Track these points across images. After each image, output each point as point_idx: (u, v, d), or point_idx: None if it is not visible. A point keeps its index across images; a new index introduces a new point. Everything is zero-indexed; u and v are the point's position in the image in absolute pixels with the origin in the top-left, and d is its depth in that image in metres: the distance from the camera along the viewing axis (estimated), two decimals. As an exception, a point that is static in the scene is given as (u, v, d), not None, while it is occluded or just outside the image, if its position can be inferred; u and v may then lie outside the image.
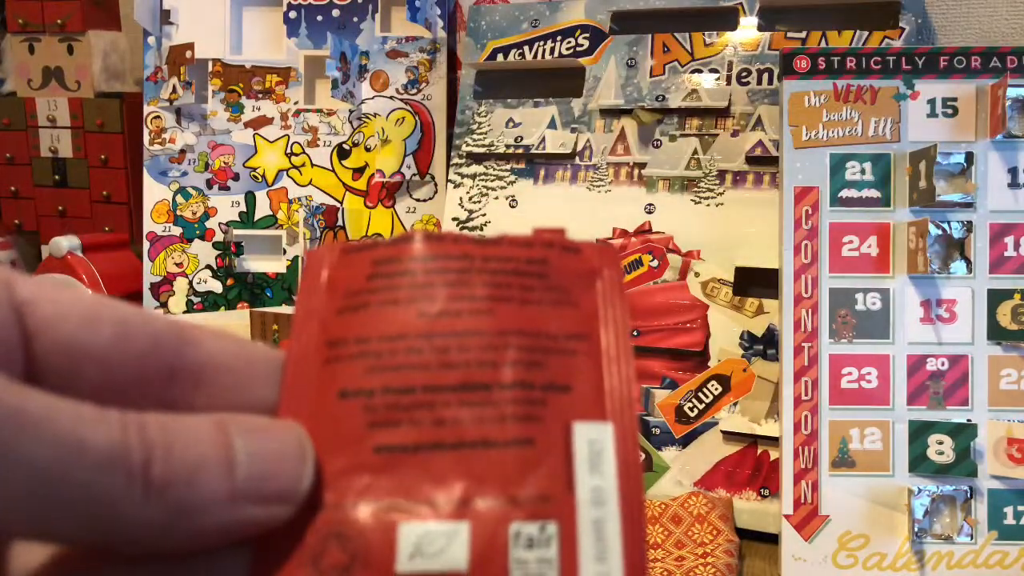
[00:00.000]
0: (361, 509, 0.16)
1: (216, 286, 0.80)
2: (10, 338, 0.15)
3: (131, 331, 0.16)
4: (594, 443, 0.16)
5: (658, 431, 0.61)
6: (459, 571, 0.15)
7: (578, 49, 0.70)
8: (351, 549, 0.15)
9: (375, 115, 0.79)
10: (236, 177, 0.80)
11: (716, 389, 0.60)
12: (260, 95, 0.80)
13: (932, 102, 0.53)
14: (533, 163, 0.69)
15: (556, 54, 0.70)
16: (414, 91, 0.78)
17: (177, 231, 0.80)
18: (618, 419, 0.17)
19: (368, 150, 0.79)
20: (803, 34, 0.64)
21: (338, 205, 0.79)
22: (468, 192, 0.70)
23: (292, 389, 0.18)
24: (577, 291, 0.18)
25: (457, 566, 0.15)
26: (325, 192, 0.79)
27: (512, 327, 0.17)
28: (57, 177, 0.87)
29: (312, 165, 0.79)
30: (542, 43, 0.71)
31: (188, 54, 0.80)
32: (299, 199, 0.79)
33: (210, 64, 0.80)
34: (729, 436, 0.59)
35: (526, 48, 0.71)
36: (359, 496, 0.16)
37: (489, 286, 0.18)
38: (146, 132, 0.81)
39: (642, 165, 0.66)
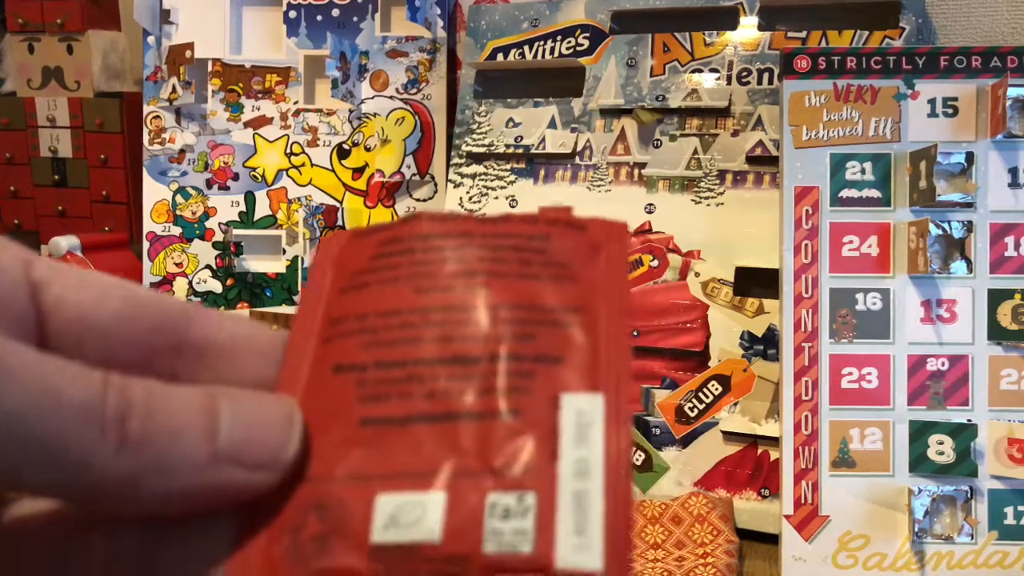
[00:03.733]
0: (343, 481, 0.16)
1: (216, 286, 0.80)
2: (26, 314, 0.16)
3: (140, 308, 0.17)
4: (583, 414, 0.16)
5: (658, 431, 0.61)
6: (432, 541, 0.15)
7: (578, 49, 0.69)
8: (330, 519, 0.15)
9: (375, 115, 0.78)
10: (236, 177, 0.80)
11: (716, 389, 0.60)
12: (260, 95, 0.80)
13: (932, 102, 0.53)
14: (533, 163, 0.69)
15: (556, 54, 0.70)
16: (414, 91, 0.78)
17: (177, 231, 0.80)
18: (611, 390, 0.16)
19: (368, 150, 0.79)
20: (803, 34, 0.63)
21: (338, 205, 0.79)
22: (468, 192, 0.70)
23: (290, 365, 0.18)
24: (577, 266, 0.18)
25: (430, 536, 0.15)
26: (325, 192, 0.79)
27: (507, 301, 0.17)
28: (56, 177, 0.87)
29: (312, 165, 0.79)
30: (542, 43, 0.71)
31: (188, 54, 0.80)
32: (299, 199, 0.79)
33: (210, 64, 0.80)
34: (729, 436, 0.59)
35: (526, 48, 0.71)
36: (343, 468, 0.16)
37: (487, 261, 0.18)
38: (146, 132, 0.81)
39: (642, 165, 0.66)
